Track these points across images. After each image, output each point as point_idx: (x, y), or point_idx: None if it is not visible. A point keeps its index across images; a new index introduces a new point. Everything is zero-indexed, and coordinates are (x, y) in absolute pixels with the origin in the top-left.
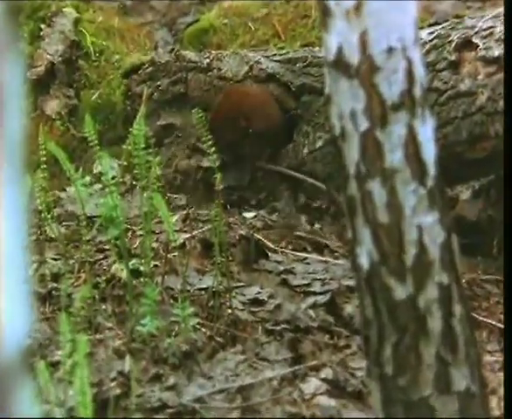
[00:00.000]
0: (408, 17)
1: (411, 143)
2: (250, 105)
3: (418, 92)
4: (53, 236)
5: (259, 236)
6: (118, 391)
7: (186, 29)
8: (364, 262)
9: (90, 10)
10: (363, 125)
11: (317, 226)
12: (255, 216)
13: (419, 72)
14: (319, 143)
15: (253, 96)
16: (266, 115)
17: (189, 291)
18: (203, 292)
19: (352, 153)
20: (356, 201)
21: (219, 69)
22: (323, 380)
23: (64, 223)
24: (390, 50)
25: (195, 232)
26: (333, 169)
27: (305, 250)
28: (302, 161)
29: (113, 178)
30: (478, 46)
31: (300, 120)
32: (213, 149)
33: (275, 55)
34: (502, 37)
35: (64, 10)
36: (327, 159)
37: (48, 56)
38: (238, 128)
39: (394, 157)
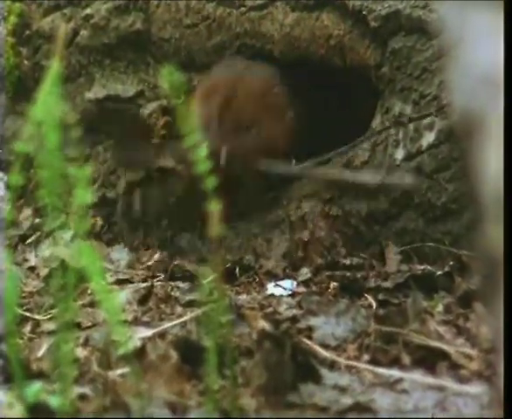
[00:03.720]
0: None
1: None
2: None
3: None
4: None
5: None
6: None
7: None
8: None
9: None
10: None
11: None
12: (293, 294)
13: None
14: (428, 138)
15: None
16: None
17: None
18: None
19: (494, 159)
20: (502, 262)
21: None
22: None
23: None
24: None
25: (166, 325)
26: (457, 195)
27: (398, 362)
28: (391, 177)
29: None
30: None
31: (386, 88)
32: (204, 153)
33: None
34: None
35: None
36: (445, 172)
37: None
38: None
39: None
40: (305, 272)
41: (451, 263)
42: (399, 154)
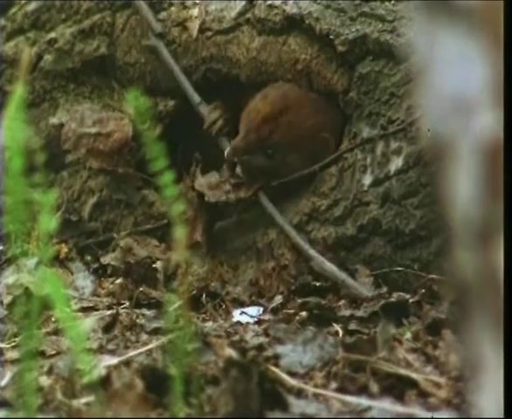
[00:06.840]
0: None
1: None
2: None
3: None
4: None
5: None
6: None
7: None
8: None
9: None
10: (485, 123)
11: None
12: (259, 321)
13: None
14: (396, 163)
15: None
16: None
17: None
18: None
19: (463, 184)
20: (473, 290)
21: (184, 5)
22: None
23: None
24: None
25: (131, 353)
26: (426, 221)
27: (366, 390)
28: (358, 203)
29: None
30: None
31: (353, 113)
32: (169, 177)
33: None
34: None
35: None
36: (413, 198)
37: None
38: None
39: None
40: (275, 299)
41: (423, 291)
42: (367, 179)
